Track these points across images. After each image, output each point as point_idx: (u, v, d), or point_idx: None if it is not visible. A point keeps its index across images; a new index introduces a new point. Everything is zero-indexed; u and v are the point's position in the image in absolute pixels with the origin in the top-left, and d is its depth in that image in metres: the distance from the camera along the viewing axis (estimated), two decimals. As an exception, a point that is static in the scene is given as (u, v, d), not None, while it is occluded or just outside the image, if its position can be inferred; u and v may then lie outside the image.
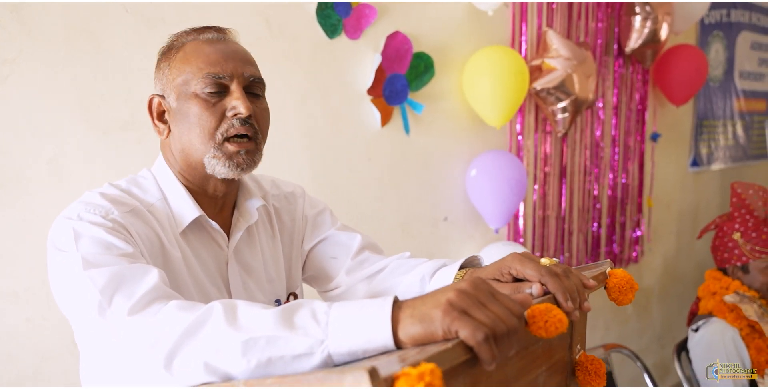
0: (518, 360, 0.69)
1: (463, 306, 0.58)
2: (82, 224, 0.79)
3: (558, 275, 0.73)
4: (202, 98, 0.88)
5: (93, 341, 0.73)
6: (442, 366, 0.53)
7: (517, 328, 0.59)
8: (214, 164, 0.89)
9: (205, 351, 0.63)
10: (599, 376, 0.79)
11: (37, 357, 1.36)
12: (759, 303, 2.01)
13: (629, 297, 0.80)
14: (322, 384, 0.50)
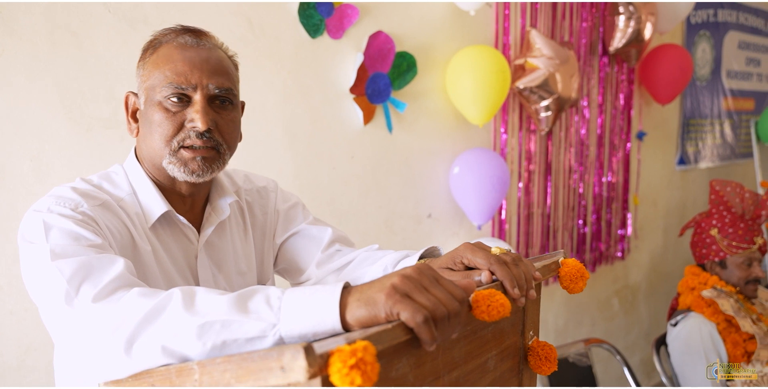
0: (466, 344, 0.72)
1: (405, 289, 0.61)
2: (52, 216, 0.82)
3: (506, 263, 0.76)
4: (164, 106, 0.90)
5: (61, 330, 0.75)
6: (380, 345, 0.56)
7: (458, 311, 0.62)
8: (172, 168, 0.92)
9: (164, 335, 0.66)
10: (550, 361, 0.82)
11: (20, 349, 1.39)
12: (735, 297, 2.04)
13: (580, 285, 0.83)
14: (264, 360, 0.53)
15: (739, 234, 2.08)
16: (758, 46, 4.15)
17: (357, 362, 0.50)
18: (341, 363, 0.50)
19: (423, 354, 0.65)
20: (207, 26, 1.62)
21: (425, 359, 0.66)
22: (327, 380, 0.52)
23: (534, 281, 0.78)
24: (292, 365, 0.50)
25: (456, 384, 0.71)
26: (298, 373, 0.50)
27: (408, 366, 0.63)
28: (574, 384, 2.03)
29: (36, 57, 1.39)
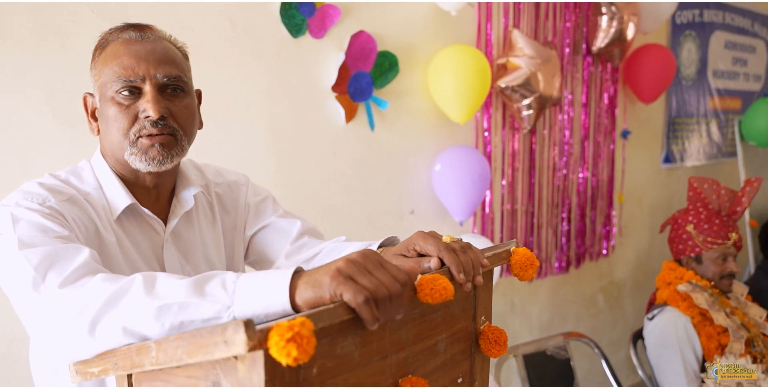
0: (414, 326, 0.76)
1: (349, 272, 0.65)
2: (20, 209, 0.86)
3: (455, 250, 0.81)
4: (117, 101, 0.93)
5: (30, 315, 0.79)
6: (322, 323, 0.61)
7: (399, 293, 0.67)
8: (133, 159, 0.95)
9: (125, 317, 0.70)
10: (500, 344, 0.86)
11: (5, 340, 1.44)
12: (710, 291, 2.09)
13: (529, 272, 0.87)
14: (210, 335, 0.58)
15: (714, 230, 2.12)
16: (745, 46, 4.20)
17: (293, 336, 0.54)
18: (279, 336, 0.54)
19: (368, 333, 0.69)
20: (190, 26, 1.67)
21: (371, 338, 0.70)
22: (269, 354, 0.57)
23: (483, 268, 0.82)
24: (233, 339, 0.55)
25: (405, 363, 0.76)
26: (239, 346, 0.54)
27: (353, 345, 0.68)
28: (552, 377, 2.08)
29: (22, 56, 1.43)
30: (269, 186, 1.27)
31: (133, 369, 0.70)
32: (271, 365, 0.58)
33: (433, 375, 0.80)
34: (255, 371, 0.59)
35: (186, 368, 0.69)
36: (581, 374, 3.01)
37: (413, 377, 0.76)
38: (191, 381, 0.69)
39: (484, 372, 0.90)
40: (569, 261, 3.00)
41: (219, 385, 0.65)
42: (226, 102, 1.77)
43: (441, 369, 0.82)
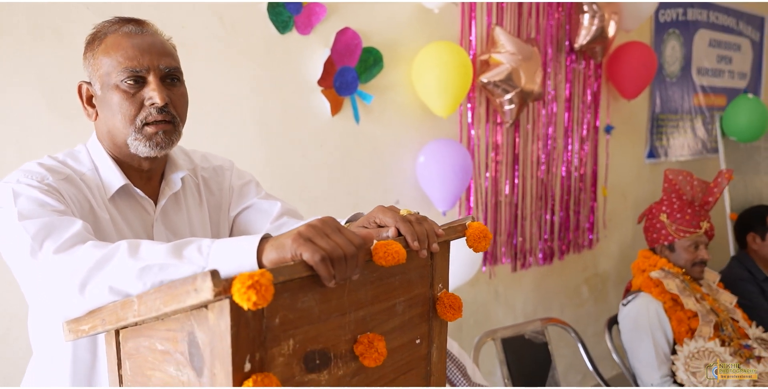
0: (372, 288, 0.85)
1: (309, 235, 0.74)
2: (20, 186, 0.95)
3: (411, 221, 0.89)
4: (122, 89, 1.01)
5: (28, 280, 0.88)
6: (282, 277, 0.69)
7: (354, 254, 0.75)
8: (137, 144, 1.03)
9: (111, 277, 0.79)
10: (454, 309, 0.95)
11: (6, 318, 1.52)
12: (681, 278, 2.18)
13: (482, 244, 0.96)
14: (183, 285, 0.66)
15: (687, 219, 2.21)
16: (730, 44, 4.28)
17: (253, 283, 0.63)
18: (240, 284, 0.63)
19: (328, 291, 0.78)
20: (181, 24, 1.76)
21: (330, 296, 0.79)
22: (234, 303, 0.65)
23: (437, 238, 0.90)
24: (202, 286, 0.64)
25: (363, 321, 0.84)
26: (207, 292, 0.63)
27: (313, 300, 0.76)
28: (530, 360, 2.16)
29: (19, 52, 1.52)
30: (258, 176, 1.36)
31: (118, 323, 0.78)
32: (236, 312, 0.67)
33: (391, 334, 0.89)
34: (222, 318, 0.68)
35: (165, 322, 0.78)
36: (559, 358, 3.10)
37: (371, 333, 0.84)
38: (170, 334, 0.78)
39: (441, 335, 0.99)
40: (553, 253, 3.09)
41: (193, 334, 0.74)
42: (216, 96, 1.86)
43: (399, 329, 0.90)
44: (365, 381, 0.86)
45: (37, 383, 1.09)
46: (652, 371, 2.07)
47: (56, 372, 1.05)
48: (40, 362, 1.08)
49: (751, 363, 2.03)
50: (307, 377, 0.77)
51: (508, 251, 2.85)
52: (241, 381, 0.69)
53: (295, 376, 0.75)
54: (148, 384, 0.84)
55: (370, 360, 0.82)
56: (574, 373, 3.30)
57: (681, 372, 2.02)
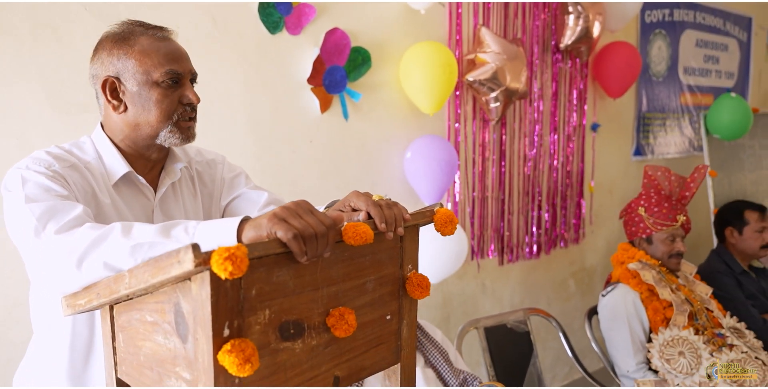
0: (344, 267, 0.93)
1: (283, 215, 0.82)
2: (29, 172, 1.03)
3: (381, 206, 0.97)
4: (163, 87, 1.12)
5: (32, 258, 0.96)
6: (257, 252, 0.77)
7: (324, 233, 0.83)
8: (169, 136, 1.14)
9: (105, 254, 0.87)
10: (422, 287, 1.03)
11: (8, 301, 1.61)
12: (658, 269, 2.26)
13: (449, 228, 1.04)
14: (168, 258, 0.74)
15: (664, 213, 2.29)
16: (717, 44, 4.36)
17: (229, 255, 0.71)
18: (218, 256, 0.71)
19: (302, 267, 0.86)
20: (174, 23, 1.84)
21: (304, 272, 0.87)
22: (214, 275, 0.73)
23: (405, 222, 0.98)
24: (184, 258, 0.71)
25: (336, 296, 0.92)
26: (188, 263, 0.71)
27: (288, 275, 0.84)
28: (512, 348, 2.25)
29: (20, 50, 1.60)
30: (249, 170, 1.44)
31: (111, 296, 0.86)
32: (216, 283, 0.75)
33: (362, 310, 0.97)
34: (204, 288, 0.76)
35: (154, 295, 0.86)
36: (547, 350, 3.19)
37: (342, 307, 0.92)
38: (158, 306, 0.86)
39: (411, 312, 1.07)
40: (540, 247, 3.17)
41: (179, 305, 0.82)
42: (208, 93, 1.93)
43: (370, 305, 0.99)
44: (337, 352, 0.94)
45: (38, 358, 1.17)
46: (628, 358, 2.16)
47: (56, 347, 1.13)
48: (40, 338, 1.16)
49: (723, 351, 2.11)
50: (282, 345, 0.85)
51: (496, 245, 2.93)
52: (220, 345, 0.77)
53: (270, 343, 0.84)
54: (139, 354, 0.93)
55: (340, 331, 0.90)
56: (562, 365, 3.39)
57: (656, 359, 2.10)
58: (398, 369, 1.06)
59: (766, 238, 2.70)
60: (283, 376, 0.86)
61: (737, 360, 2.08)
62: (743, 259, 2.73)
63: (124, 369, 0.97)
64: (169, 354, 0.85)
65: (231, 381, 0.79)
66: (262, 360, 0.82)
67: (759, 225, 2.70)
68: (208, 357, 0.77)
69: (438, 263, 2.43)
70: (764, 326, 2.47)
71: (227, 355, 0.75)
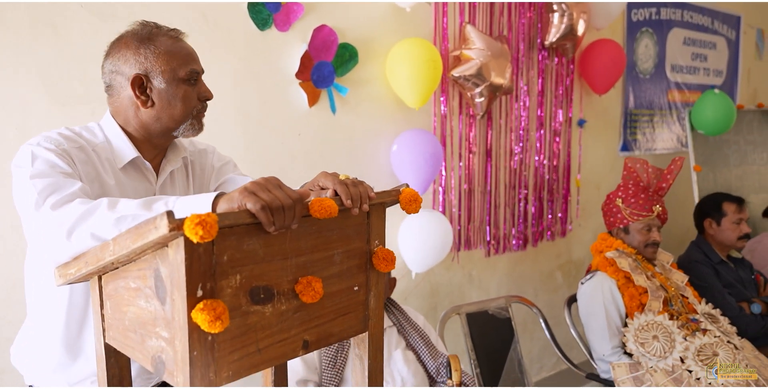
0: (312, 239, 1.01)
1: (253, 189, 0.91)
2: (39, 148, 1.12)
3: (347, 184, 1.05)
4: (189, 85, 1.23)
5: (31, 229, 1.05)
6: (227, 220, 0.86)
7: (291, 205, 0.91)
8: (188, 129, 1.25)
9: (93, 226, 0.96)
10: (387, 261, 1.11)
11: (8, 283, 1.70)
12: (634, 257, 2.34)
13: (413, 206, 1.12)
14: (146, 224, 0.83)
15: (640, 204, 2.37)
16: (705, 42, 4.44)
17: (200, 221, 0.79)
18: (190, 221, 0.79)
19: (271, 238, 0.94)
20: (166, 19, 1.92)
21: (273, 242, 0.95)
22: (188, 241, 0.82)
23: (370, 200, 1.07)
24: (160, 224, 0.80)
25: (304, 266, 1.01)
26: (164, 228, 0.80)
27: (258, 244, 0.93)
28: (493, 333, 2.33)
29: (20, 45, 1.69)
30: (238, 161, 1.53)
31: (98, 263, 0.95)
32: (190, 248, 0.84)
33: (330, 280, 1.05)
34: (179, 252, 0.84)
35: (137, 263, 0.95)
36: (535, 340, 3.27)
37: (310, 276, 1.01)
38: (140, 273, 0.95)
39: (379, 284, 1.15)
40: (527, 240, 3.25)
41: (158, 270, 0.90)
42: (199, 86, 2.03)
43: (337, 276, 1.07)
44: (306, 318, 1.03)
45: (35, 325, 1.26)
46: (604, 342, 2.24)
47: (53, 317, 1.22)
48: (39, 307, 1.25)
49: (697, 335, 2.19)
50: (252, 308, 0.94)
51: (482, 237, 3.02)
52: (194, 304, 0.85)
53: (242, 306, 0.92)
54: (124, 319, 1.01)
55: (308, 297, 0.99)
56: (549, 356, 3.47)
57: (630, 342, 2.18)
58: (366, 338, 1.15)
59: (743, 229, 2.77)
60: (253, 337, 0.95)
61: (709, 344, 2.17)
62: (721, 250, 2.81)
63: (111, 334, 1.06)
64: (150, 316, 0.94)
65: (204, 338, 0.88)
66: (234, 321, 0.91)
67: (736, 217, 2.77)
68: (183, 315, 0.86)
69: (424, 253, 2.52)
70: (740, 313, 2.55)
71: (200, 313, 0.84)
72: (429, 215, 2.54)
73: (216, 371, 0.90)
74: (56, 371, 1.26)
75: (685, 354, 2.13)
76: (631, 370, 2.15)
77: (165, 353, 0.93)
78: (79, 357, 1.25)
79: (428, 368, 1.94)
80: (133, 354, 1.02)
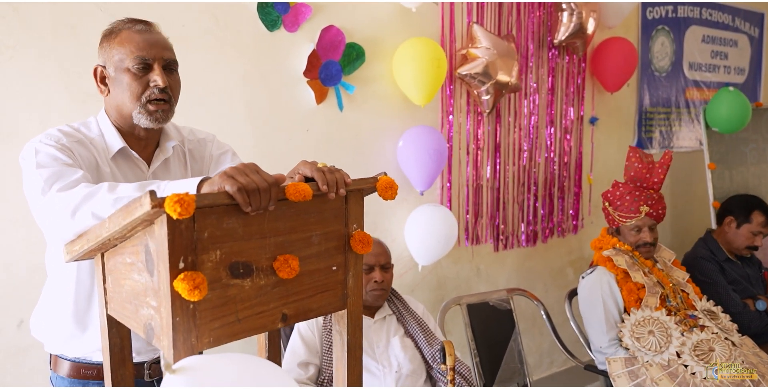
0: (290, 221, 1.09)
1: (231, 173, 0.99)
2: (41, 145, 1.24)
3: (323, 171, 1.13)
4: (132, 72, 1.30)
5: (40, 213, 1.17)
6: (206, 200, 0.95)
7: (266, 188, 0.99)
8: (140, 117, 1.32)
9: (94, 206, 1.06)
10: (364, 243, 1.18)
11: (30, 266, 1.83)
12: (631, 254, 2.38)
13: (389, 193, 1.19)
14: (133, 203, 0.92)
15: (626, 206, 2.40)
16: (726, 40, 4.40)
17: (179, 199, 0.88)
18: (170, 200, 0.88)
19: (250, 218, 1.03)
20: (179, 21, 2.05)
21: (252, 222, 1.04)
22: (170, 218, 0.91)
23: (347, 186, 1.14)
24: (144, 202, 0.90)
25: (282, 245, 1.09)
26: (147, 205, 0.89)
27: (237, 223, 1.02)
28: (494, 324, 2.39)
29: (43, 46, 1.83)
30: (247, 157, 1.60)
31: (97, 240, 1.05)
32: (172, 224, 0.93)
33: (308, 259, 1.13)
34: (162, 228, 0.94)
35: (131, 240, 1.05)
36: (544, 336, 3.30)
37: (288, 255, 1.09)
38: (134, 248, 1.05)
39: (357, 266, 1.23)
40: (536, 236, 3.29)
41: (148, 245, 1.00)
42: (210, 86, 2.14)
43: (316, 256, 1.15)
44: (285, 293, 1.11)
45: (49, 300, 1.39)
46: (601, 335, 2.28)
47: (63, 293, 1.34)
48: (52, 284, 1.38)
49: (694, 331, 2.22)
50: (232, 281, 1.03)
51: (491, 232, 3.07)
52: (176, 275, 0.94)
53: (222, 279, 1.01)
54: (122, 292, 1.12)
55: (284, 273, 1.07)
56: (559, 352, 3.49)
57: (627, 337, 2.22)
58: (345, 314, 1.23)
59: (756, 241, 2.77)
60: (233, 307, 1.04)
61: (706, 340, 2.19)
62: (728, 249, 2.80)
63: (113, 306, 1.17)
64: (142, 287, 1.04)
65: (186, 306, 0.97)
66: (214, 292, 1.00)
67: (758, 229, 2.76)
68: (167, 285, 0.95)
69: (429, 247, 2.59)
70: (744, 309, 2.56)
71: (181, 283, 0.93)
72: (434, 210, 2.61)
73: (197, 337, 1.00)
74: (68, 342, 1.38)
75: (681, 349, 2.16)
76: (627, 365, 2.19)
77: (154, 320, 1.03)
78: (88, 329, 1.36)
79: (425, 354, 2.02)
80: (129, 323, 1.12)
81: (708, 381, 2.08)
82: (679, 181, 4.12)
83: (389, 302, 2.11)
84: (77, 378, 1.40)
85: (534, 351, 3.38)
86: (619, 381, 2.16)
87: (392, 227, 2.69)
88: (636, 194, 2.40)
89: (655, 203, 2.39)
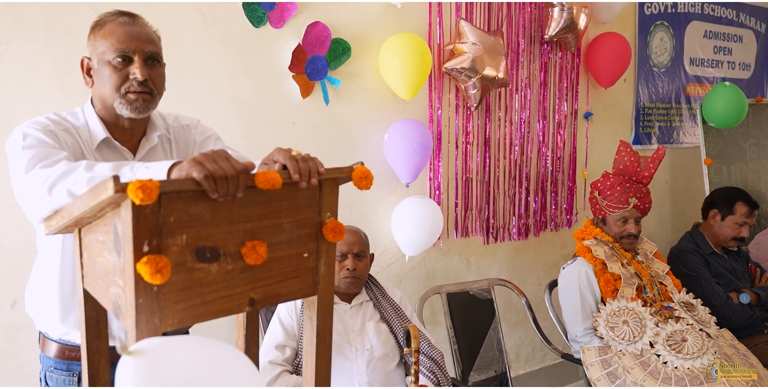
0: (260, 208, 1.10)
1: (200, 160, 1.03)
2: (29, 129, 1.31)
3: (297, 159, 1.17)
4: (113, 64, 1.36)
5: (22, 191, 1.23)
6: (172, 186, 0.99)
7: (234, 175, 1.01)
8: (121, 108, 1.38)
9: (70, 183, 1.13)
10: (335, 232, 1.21)
11: (25, 249, 1.94)
12: (611, 245, 2.42)
13: (364, 183, 1.20)
14: (99, 186, 0.96)
15: (616, 196, 2.44)
16: (729, 35, 4.37)
17: (141, 186, 0.93)
18: (133, 186, 0.93)
19: (218, 205, 1.05)
20: (167, 18, 2.14)
21: (220, 208, 1.07)
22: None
23: (320, 175, 1.16)
24: (108, 186, 0.96)
25: (252, 232, 1.10)
26: (111, 189, 0.94)
27: (204, 209, 1.04)
28: (473, 313, 2.45)
29: (37, 43, 1.93)
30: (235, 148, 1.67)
31: (70, 217, 1.12)
32: (136, 209, 0.97)
33: (278, 246, 1.14)
34: (127, 212, 0.99)
35: (103, 219, 1.11)
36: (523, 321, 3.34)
37: (256, 241, 1.14)
38: (106, 228, 1.11)
39: (330, 253, 1.24)
40: (528, 229, 3.33)
41: (116, 227, 1.06)
42: (198, 80, 2.23)
43: (286, 243, 1.16)
44: (252, 278, 1.12)
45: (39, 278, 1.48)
46: (577, 324, 2.33)
47: (52, 264, 1.43)
48: (42, 258, 1.47)
49: (669, 322, 2.26)
50: (198, 265, 1.05)
51: (480, 225, 3.12)
52: (140, 258, 0.99)
53: (187, 263, 1.04)
54: (96, 268, 1.18)
55: (251, 259, 1.10)
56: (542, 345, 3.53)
57: (601, 327, 2.26)
58: (315, 300, 1.28)
59: (742, 232, 2.78)
60: (198, 291, 1.07)
61: (680, 331, 2.23)
62: (714, 242, 2.82)
63: (88, 280, 1.23)
64: (111, 266, 1.11)
65: (149, 288, 1.01)
66: (179, 275, 1.03)
67: (742, 219, 2.78)
68: (131, 267, 0.99)
69: (414, 238, 2.66)
70: (726, 302, 2.58)
71: (144, 266, 0.97)
72: (419, 201, 2.67)
73: (161, 318, 1.03)
74: (55, 320, 1.46)
75: (655, 339, 2.20)
76: (600, 353, 2.24)
77: (121, 299, 1.08)
78: (72, 310, 1.44)
79: (399, 339, 2.09)
80: (101, 299, 1.19)
81: (678, 370, 2.12)
82: (680, 177, 4.12)
83: (367, 288, 2.19)
84: (62, 359, 1.48)
85: (526, 344, 3.43)
86: (592, 369, 2.21)
87: (380, 219, 2.76)
88: (626, 185, 2.44)
89: (644, 196, 2.43)
